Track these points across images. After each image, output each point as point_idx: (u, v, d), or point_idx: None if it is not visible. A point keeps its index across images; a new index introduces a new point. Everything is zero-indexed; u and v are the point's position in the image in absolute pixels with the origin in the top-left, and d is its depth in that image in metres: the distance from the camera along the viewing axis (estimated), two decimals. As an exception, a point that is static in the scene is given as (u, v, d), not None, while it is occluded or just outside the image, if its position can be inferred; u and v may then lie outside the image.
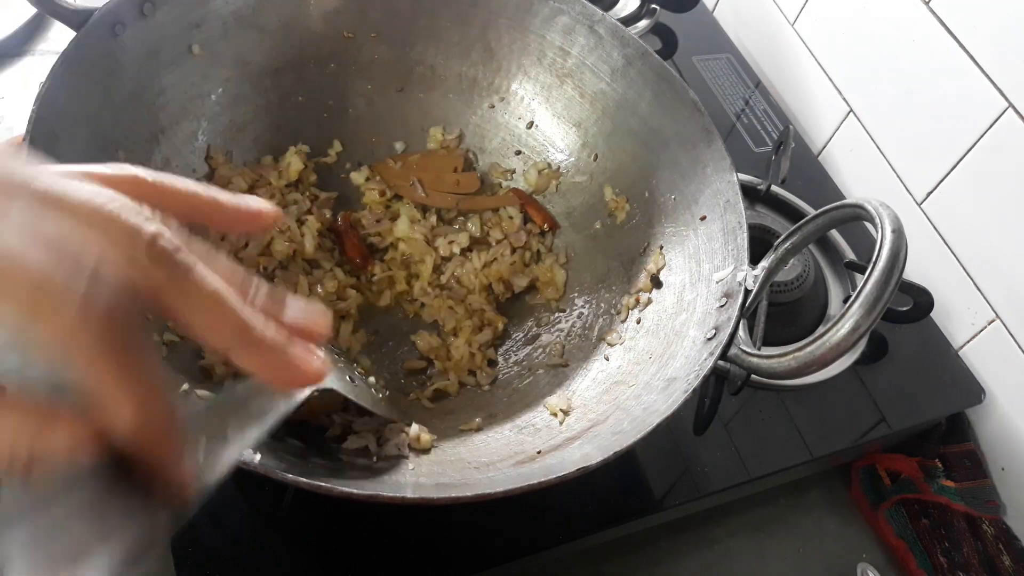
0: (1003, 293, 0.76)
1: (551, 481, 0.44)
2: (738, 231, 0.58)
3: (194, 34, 0.64)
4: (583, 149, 0.74)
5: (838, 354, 0.45)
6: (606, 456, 0.46)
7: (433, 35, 0.73)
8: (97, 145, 0.56)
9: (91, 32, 0.55)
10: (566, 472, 0.45)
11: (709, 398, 0.69)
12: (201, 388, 0.51)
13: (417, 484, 0.52)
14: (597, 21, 0.69)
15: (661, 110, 0.67)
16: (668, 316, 0.61)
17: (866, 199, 0.51)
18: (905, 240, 0.47)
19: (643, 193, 0.69)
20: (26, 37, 0.85)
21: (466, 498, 0.44)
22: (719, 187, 0.61)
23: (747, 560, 0.69)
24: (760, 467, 0.67)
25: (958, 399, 0.78)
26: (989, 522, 0.74)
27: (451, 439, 0.58)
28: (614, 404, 0.57)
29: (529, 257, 0.73)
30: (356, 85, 0.74)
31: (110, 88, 0.57)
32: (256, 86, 0.69)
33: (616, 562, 0.66)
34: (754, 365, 0.50)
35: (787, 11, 0.97)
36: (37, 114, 0.50)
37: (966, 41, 0.74)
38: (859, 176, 0.91)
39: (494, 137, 0.76)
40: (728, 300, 0.55)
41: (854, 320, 0.44)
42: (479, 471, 0.53)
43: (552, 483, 0.44)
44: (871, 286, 0.45)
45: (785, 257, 0.57)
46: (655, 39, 1.02)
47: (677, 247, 0.65)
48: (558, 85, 0.73)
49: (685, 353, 0.56)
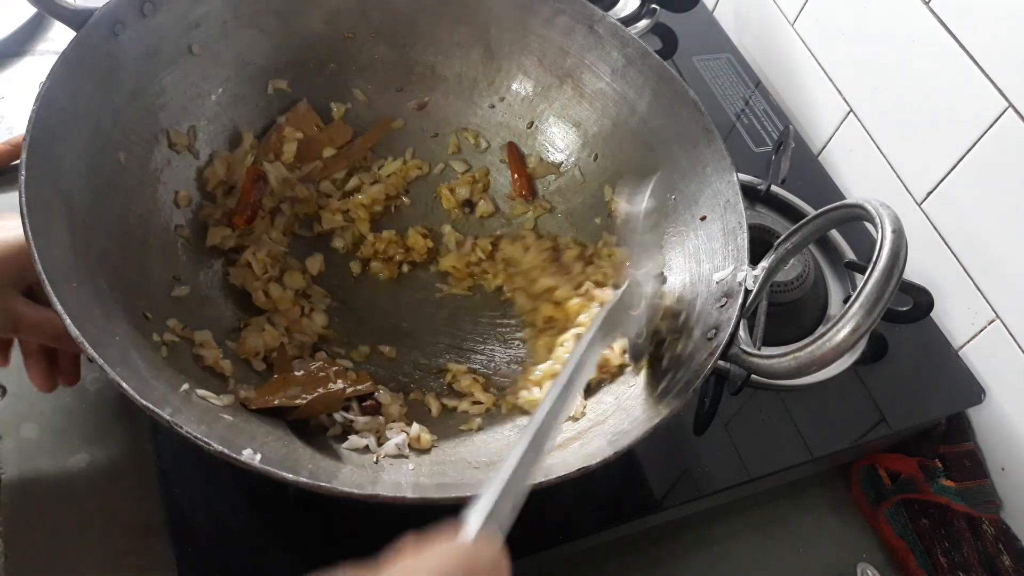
0: (1003, 293, 0.76)
1: (552, 481, 0.44)
2: (738, 231, 0.58)
3: (194, 34, 0.64)
4: (583, 149, 0.74)
5: (838, 354, 0.45)
6: (606, 456, 0.46)
7: (433, 35, 0.73)
8: (96, 146, 0.56)
9: (91, 32, 0.55)
10: (567, 472, 0.45)
11: (709, 398, 0.69)
12: (201, 389, 0.51)
13: (417, 484, 0.52)
14: (597, 21, 0.69)
15: (661, 110, 0.67)
16: (670, 316, 0.61)
17: (866, 199, 0.51)
18: (905, 240, 0.47)
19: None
20: (26, 37, 0.85)
21: (466, 498, 0.44)
22: (719, 187, 0.62)
23: (747, 560, 0.69)
24: (760, 467, 0.67)
25: (958, 399, 0.78)
26: (989, 522, 0.74)
27: (451, 439, 0.58)
28: (615, 404, 0.57)
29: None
30: (356, 85, 0.74)
31: (110, 88, 0.57)
32: (256, 86, 0.69)
33: (616, 562, 0.66)
34: (754, 365, 0.50)
35: (787, 11, 0.97)
36: (37, 114, 0.50)
37: (966, 41, 0.74)
38: (859, 176, 0.91)
39: (494, 137, 0.76)
40: (728, 300, 0.55)
41: (855, 320, 0.44)
42: (480, 471, 0.53)
43: (553, 483, 0.44)
44: (871, 286, 0.45)
45: (785, 257, 0.57)
46: (655, 39, 1.02)
47: (677, 247, 0.65)
48: (558, 85, 0.73)
49: (686, 353, 0.56)
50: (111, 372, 0.42)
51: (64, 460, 0.58)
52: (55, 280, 0.45)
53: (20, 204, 0.46)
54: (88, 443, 0.59)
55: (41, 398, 0.60)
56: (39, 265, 0.44)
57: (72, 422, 0.60)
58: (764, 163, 0.90)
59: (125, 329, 0.50)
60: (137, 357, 0.49)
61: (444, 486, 0.51)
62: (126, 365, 0.46)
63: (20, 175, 0.47)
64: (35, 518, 0.56)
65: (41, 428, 0.60)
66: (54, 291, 0.44)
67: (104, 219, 0.55)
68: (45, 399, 0.60)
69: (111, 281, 0.52)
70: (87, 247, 0.52)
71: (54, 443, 0.59)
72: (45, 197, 0.49)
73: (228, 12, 0.65)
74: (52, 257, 0.46)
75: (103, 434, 0.60)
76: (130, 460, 0.59)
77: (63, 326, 0.43)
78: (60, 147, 0.52)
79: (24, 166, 0.48)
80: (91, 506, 0.57)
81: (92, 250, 0.52)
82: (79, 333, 0.43)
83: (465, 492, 0.44)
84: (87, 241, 0.52)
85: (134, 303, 0.54)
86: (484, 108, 0.76)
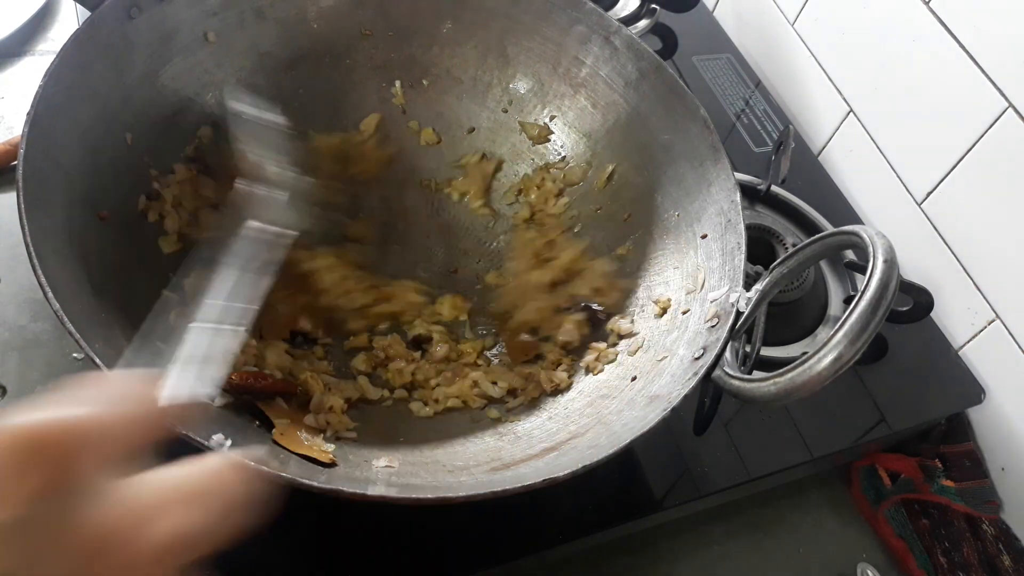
0: (1003, 293, 0.76)
1: (516, 490, 0.44)
2: (736, 252, 0.58)
3: (210, 22, 0.64)
4: (592, 159, 0.73)
5: (820, 383, 0.44)
6: (575, 469, 0.45)
7: (451, 37, 0.73)
8: (103, 125, 0.56)
9: (106, 13, 0.56)
10: (532, 482, 0.45)
11: (709, 398, 0.69)
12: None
13: (388, 483, 0.51)
14: (613, 32, 0.69)
15: (672, 125, 0.67)
16: (661, 333, 0.61)
17: (863, 228, 0.50)
18: (897, 271, 0.46)
19: (647, 208, 0.68)
20: (26, 37, 0.85)
21: (427, 500, 0.44)
22: (723, 207, 0.61)
23: (747, 560, 0.69)
24: (760, 467, 0.67)
25: (958, 399, 0.78)
26: (989, 522, 0.74)
27: (431, 441, 0.58)
28: (595, 418, 0.57)
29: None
30: (370, 82, 0.74)
31: (122, 70, 0.58)
32: (270, 78, 0.69)
33: (616, 562, 0.66)
34: (735, 388, 0.50)
35: (787, 11, 0.97)
36: (44, 90, 0.50)
37: (966, 41, 0.74)
38: (859, 176, 0.91)
39: (504, 142, 0.76)
40: (719, 320, 0.55)
41: (838, 350, 0.43)
42: (452, 475, 0.53)
43: (517, 491, 0.44)
44: (857, 316, 0.44)
45: (779, 281, 0.56)
46: (655, 39, 1.02)
47: (676, 264, 0.64)
48: (571, 94, 0.73)
49: (672, 371, 0.55)
50: (87, 349, 0.42)
51: (64, 460, 0.58)
52: (42, 253, 0.44)
53: (17, 176, 0.46)
54: (88, 443, 0.59)
55: (41, 398, 0.60)
56: (28, 237, 0.44)
57: (72, 422, 0.60)
58: (764, 163, 0.90)
59: (116, 310, 0.50)
60: (121, 336, 0.48)
61: (409, 487, 0.50)
62: (108, 343, 0.45)
63: (20, 148, 0.47)
64: (35, 518, 0.56)
65: (41, 428, 0.59)
66: (39, 264, 0.43)
67: (105, 198, 0.55)
68: (45, 399, 0.60)
69: (105, 261, 0.52)
70: (84, 226, 0.51)
71: (54, 443, 0.59)
72: (44, 172, 0.49)
73: (246, 2, 0.65)
74: (43, 230, 0.46)
75: (103, 434, 0.60)
76: (130, 460, 0.59)
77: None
78: (64, 123, 0.52)
79: (25, 139, 0.47)
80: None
81: (89, 229, 0.52)
82: (59, 307, 0.42)
83: (427, 494, 0.44)
84: (85, 220, 0.52)
85: (129, 284, 0.54)
86: (497, 112, 0.75)
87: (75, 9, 0.87)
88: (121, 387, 0.27)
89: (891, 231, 0.53)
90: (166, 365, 0.32)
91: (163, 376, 0.30)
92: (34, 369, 0.62)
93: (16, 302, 0.65)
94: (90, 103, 0.55)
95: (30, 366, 0.62)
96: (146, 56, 0.60)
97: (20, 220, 0.45)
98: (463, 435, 0.59)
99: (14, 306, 0.65)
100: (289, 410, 0.55)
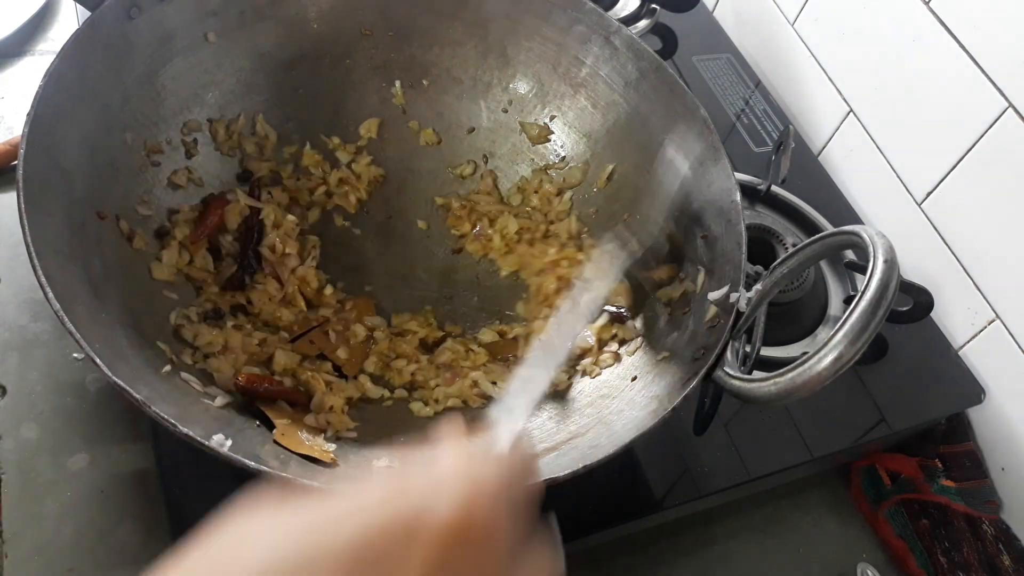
0: (1003, 293, 0.76)
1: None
2: (736, 252, 0.58)
3: (210, 22, 0.64)
4: (592, 159, 0.73)
5: (820, 383, 0.44)
6: (575, 469, 0.45)
7: (451, 38, 0.73)
8: (104, 126, 0.56)
9: (106, 13, 0.56)
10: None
11: (709, 398, 0.69)
12: (186, 372, 0.52)
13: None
14: (613, 32, 0.69)
15: (672, 126, 0.67)
16: (661, 333, 0.61)
17: (863, 228, 0.50)
18: (897, 271, 0.46)
19: (647, 208, 0.68)
20: (26, 37, 0.85)
21: None
22: (723, 207, 0.61)
23: (747, 560, 0.69)
24: (760, 467, 0.67)
25: (958, 399, 0.78)
26: (989, 522, 0.74)
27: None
28: (596, 418, 0.57)
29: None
30: (370, 83, 0.74)
31: (121, 70, 0.58)
32: (269, 77, 0.69)
33: (616, 562, 0.66)
34: (736, 388, 0.50)
35: (787, 11, 0.97)
36: (44, 90, 0.50)
37: (966, 41, 0.74)
38: (859, 176, 0.91)
39: (504, 142, 0.76)
40: (719, 321, 0.55)
41: (838, 350, 0.43)
42: None
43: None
44: (857, 316, 0.44)
45: (780, 281, 0.56)
46: (655, 39, 1.02)
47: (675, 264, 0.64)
48: (571, 94, 0.73)
49: (672, 371, 0.56)
50: (87, 349, 0.42)
51: (64, 460, 0.58)
52: (43, 253, 0.44)
53: (17, 176, 0.46)
54: (88, 443, 0.59)
55: (41, 398, 0.61)
56: (28, 237, 0.44)
57: (72, 422, 0.60)
58: (764, 163, 0.90)
59: (116, 310, 0.50)
60: (122, 336, 0.48)
61: None
62: (107, 344, 0.45)
63: (20, 148, 0.47)
64: (35, 518, 0.56)
65: (41, 428, 0.60)
66: (39, 263, 0.43)
67: (105, 198, 0.55)
68: (45, 399, 0.61)
69: (106, 261, 0.52)
70: (84, 225, 0.52)
71: (54, 443, 0.59)
72: (44, 171, 0.49)
73: (246, 2, 0.65)
74: (43, 230, 0.46)
75: (103, 434, 0.60)
76: (130, 460, 0.59)
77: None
78: (64, 123, 0.52)
79: (25, 139, 0.47)
80: (91, 506, 0.57)
81: (89, 229, 0.52)
82: (60, 307, 0.43)
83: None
84: (84, 219, 0.52)
85: (129, 285, 0.54)
86: (497, 112, 0.75)
87: (75, 9, 0.87)
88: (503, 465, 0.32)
89: (891, 231, 0.53)
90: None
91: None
92: (34, 369, 0.62)
93: (16, 302, 0.65)
94: (90, 103, 0.55)
95: (30, 366, 0.62)
96: (146, 56, 0.60)
97: (20, 220, 0.45)
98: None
99: (14, 306, 0.65)
100: (290, 410, 0.55)
